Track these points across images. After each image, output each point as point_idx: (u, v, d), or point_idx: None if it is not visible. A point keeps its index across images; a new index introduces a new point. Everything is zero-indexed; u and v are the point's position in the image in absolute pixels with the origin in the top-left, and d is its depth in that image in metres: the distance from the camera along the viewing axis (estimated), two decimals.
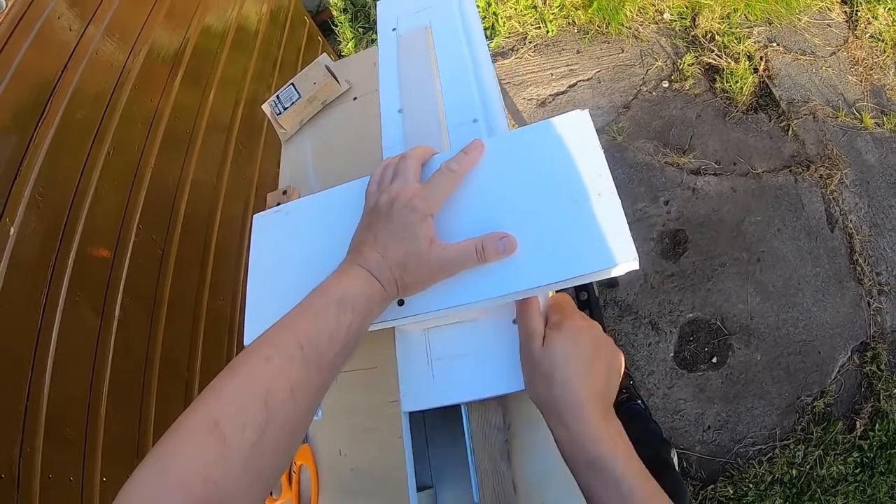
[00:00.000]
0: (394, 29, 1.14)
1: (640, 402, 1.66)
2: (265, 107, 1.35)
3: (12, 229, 1.34)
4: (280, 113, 1.31)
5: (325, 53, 1.40)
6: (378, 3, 1.20)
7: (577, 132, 0.76)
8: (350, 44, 3.68)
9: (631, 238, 0.68)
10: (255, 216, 0.99)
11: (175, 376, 1.74)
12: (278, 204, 1.11)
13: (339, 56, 3.66)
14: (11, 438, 1.25)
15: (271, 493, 0.98)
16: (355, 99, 1.34)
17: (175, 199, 1.87)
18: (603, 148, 0.72)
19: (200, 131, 2.04)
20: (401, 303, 0.76)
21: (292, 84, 1.33)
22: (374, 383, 0.98)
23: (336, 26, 3.78)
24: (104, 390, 1.49)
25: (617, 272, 0.69)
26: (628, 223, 0.68)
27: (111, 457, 1.46)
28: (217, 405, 0.57)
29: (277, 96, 1.33)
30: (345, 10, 3.79)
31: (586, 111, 0.78)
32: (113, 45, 1.75)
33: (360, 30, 3.69)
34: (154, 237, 1.74)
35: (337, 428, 0.99)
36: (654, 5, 3.11)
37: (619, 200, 0.70)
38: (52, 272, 1.41)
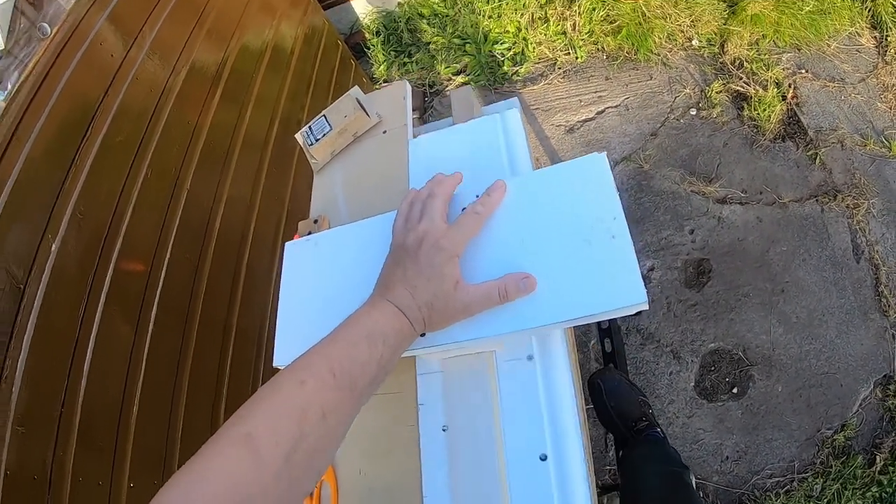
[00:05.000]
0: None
1: (658, 429, 1.68)
2: (298, 136, 1.39)
3: (54, 245, 1.41)
4: (312, 144, 1.36)
5: (356, 86, 1.44)
6: (410, 147, 1.25)
7: (594, 175, 0.80)
8: (382, 66, 3.75)
9: (641, 281, 0.70)
10: (286, 244, 1.04)
11: (203, 389, 1.80)
12: (309, 232, 1.16)
13: (372, 78, 3.73)
14: (46, 442, 1.31)
15: None
16: (385, 132, 1.37)
17: (210, 218, 1.93)
18: (629, 175, 0.76)
19: (236, 150, 2.11)
20: (423, 334, 0.80)
21: (324, 116, 1.37)
22: (396, 408, 1.01)
23: (368, 49, 3.86)
24: (135, 400, 1.55)
25: (627, 313, 0.72)
26: (653, 251, 0.72)
27: (139, 464, 1.51)
28: (252, 422, 0.60)
29: (310, 127, 1.38)
30: (377, 33, 3.87)
31: (604, 154, 0.81)
32: (154, 66, 1.82)
33: (392, 53, 3.76)
34: (188, 254, 1.80)
35: (358, 448, 1.02)
36: (682, 32, 3.14)
37: (631, 243, 0.73)
38: (90, 286, 1.48)
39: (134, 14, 1.81)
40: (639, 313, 2.36)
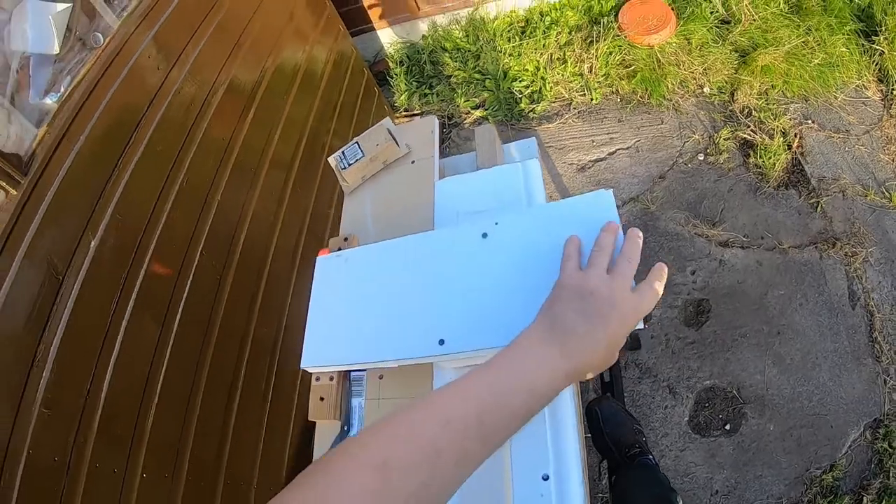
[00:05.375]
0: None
1: (651, 457, 1.75)
2: (331, 160, 1.50)
3: (93, 242, 1.51)
4: (345, 168, 1.47)
5: (388, 118, 1.56)
6: (437, 187, 1.36)
7: (601, 209, 0.90)
8: (403, 95, 3.88)
9: None
10: (318, 258, 1.15)
11: (219, 389, 1.89)
12: (339, 248, 1.27)
13: (393, 106, 3.86)
14: (69, 427, 1.40)
15: None
16: (413, 162, 1.49)
17: (236, 228, 2.04)
18: (636, 215, 0.86)
19: (264, 167, 2.23)
20: (441, 342, 0.89)
21: (357, 142, 1.48)
22: None
23: (391, 77, 4.00)
24: (155, 395, 1.64)
25: None
26: None
27: (153, 456, 1.59)
28: (389, 450, 0.59)
29: (343, 152, 1.49)
30: (401, 63, 4.01)
31: (610, 191, 0.91)
32: (194, 84, 1.96)
33: (414, 83, 3.90)
34: (214, 262, 1.91)
35: None
36: (695, 79, 3.26)
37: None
38: (123, 284, 1.58)
39: (178, 35, 1.96)
40: (639, 345, 2.45)
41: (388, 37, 4.19)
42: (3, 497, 1.26)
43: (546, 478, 0.94)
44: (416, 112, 3.85)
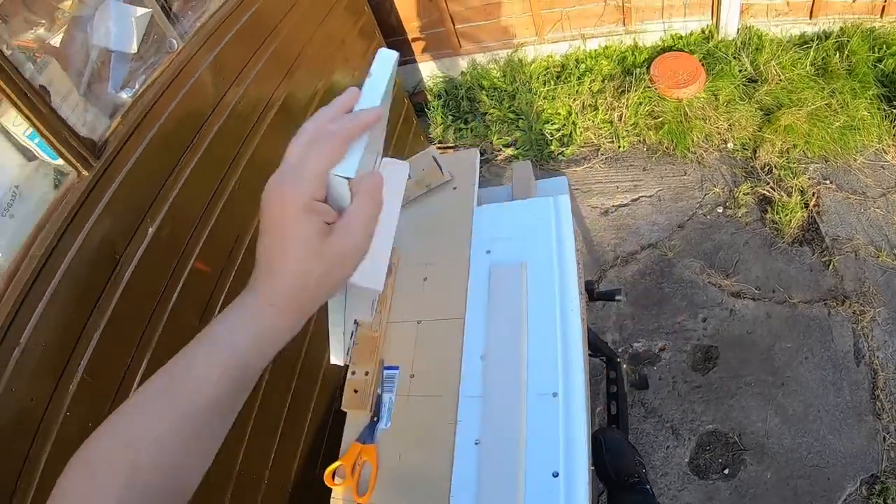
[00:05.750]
0: (488, 251, 1.48)
1: (648, 486, 1.87)
2: None
3: (151, 229, 1.68)
4: None
5: (433, 147, 1.75)
6: (475, 213, 1.52)
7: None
8: (439, 128, 4.08)
9: None
10: None
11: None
12: None
13: (428, 137, 4.06)
14: (106, 397, 1.53)
15: (333, 476, 1.28)
16: (455, 189, 1.68)
17: None
18: (654, 261, 0.98)
19: None
20: None
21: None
22: (437, 408, 1.29)
23: (428, 109, 4.20)
24: None
25: None
26: (666, 333, 1.00)
27: None
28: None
29: None
30: (438, 96, 4.21)
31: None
32: (250, 101, 2.19)
33: (450, 116, 4.09)
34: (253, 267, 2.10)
35: (400, 438, 1.30)
36: (719, 134, 3.40)
37: None
38: (171, 273, 1.74)
39: (238, 56, 2.20)
40: (646, 385, 2.56)
41: (428, 70, 4.41)
42: (37, 452, 1.38)
43: (556, 475, 1.11)
44: (449, 144, 4.04)
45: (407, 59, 4.30)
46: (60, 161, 1.70)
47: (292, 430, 2.29)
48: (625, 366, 2.67)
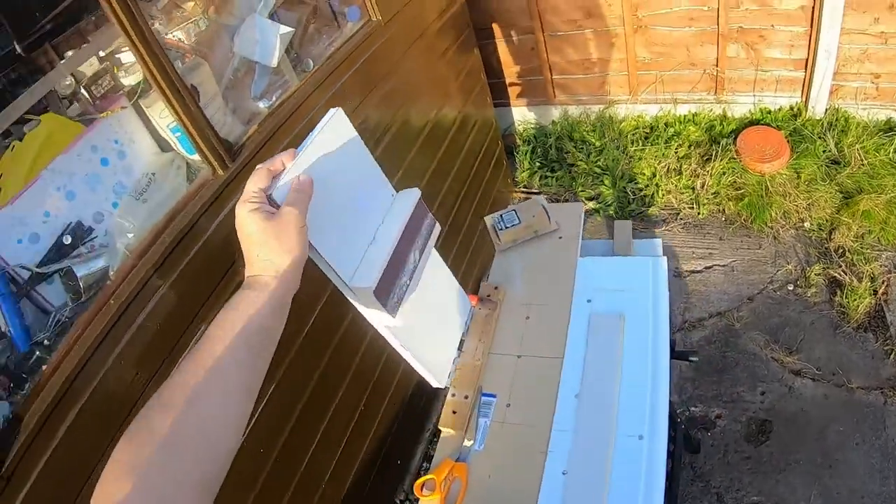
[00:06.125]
0: (588, 300, 1.69)
1: None
2: (487, 219, 1.90)
3: None
4: (502, 229, 1.87)
5: (542, 195, 1.97)
6: (579, 263, 1.75)
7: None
8: (525, 173, 4.33)
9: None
10: None
11: (322, 397, 2.27)
12: (488, 296, 1.72)
13: (514, 181, 4.31)
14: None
15: (422, 488, 1.42)
16: (560, 238, 1.87)
17: None
18: (720, 330, 1.25)
19: None
20: None
21: (514, 210, 1.88)
22: (529, 437, 1.47)
23: (515, 153, 4.45)
24: (274, 381, 1.98)
25: None
26: (724, 401, 1.23)
27: (257, 429, 1.81)
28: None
29: (501, 215, 1.89)
30: (528, 142, 4.46)
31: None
32: (365, 132, 2.46)
33: (537, 163, 4.34)
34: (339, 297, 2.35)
35: (492, 460, 1.47)
36: (797, 212, 3.54)
37: None
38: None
39: (354, 93, 2.49)
40: (698, 450, 2.75)
41: (520, 115, 4.66)
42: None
43: (641, 437, 1.32)
44: (533, 190, 4.29)
45: (501, 101, 4.56)
46: (196, 157, 1.89)
47: (355, 443, 2.49)
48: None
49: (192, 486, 0.65)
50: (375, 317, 1.08)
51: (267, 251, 0.80)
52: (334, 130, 1.03)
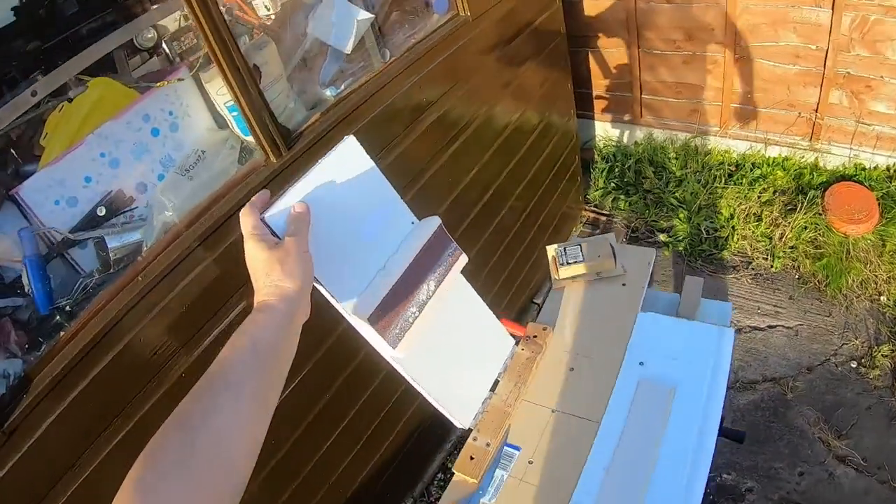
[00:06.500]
0: (641, 363, 1.54)
1: None
2: (550, 249, 1.79)
3: None
4: (563, 264, 1.74)
5: (612, 233, 1.80)
6: (638, 318, 1.64)
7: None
8: (599, 192, 4.23)
9: None
10: None
11: (338, 405, 2.30)
12: (535, 336, 1.65)
13: (585, 198, 4.22)
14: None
15: None
16: (624, 285, 1.74)
17: None
18: (771, 397, 1.24)
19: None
20: None
21: (580, 245, 1.76)
22: (578, 429, 1.45)
23: (592, 170, 4.34)
24: (298, 377, 2.02)
25: None
26: (759, 475, 1.33)
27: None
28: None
29: (564, 248, 1.76)
30: (606, 160, 4.34)
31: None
32: (442, 127, 2.55)
33: (612, 184, 4.22)
34: None
35: (536, 443, 1.45)
36: (876, 284, 3.35)
37: None
38: None
39: (434, 89, 2.49)
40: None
41: (602, 130, 4.54)
42: (143, 397, 1.56)
43: None
44: (603, 211, 4.19)
45: (585, 113, 4.44)
46: (251, 139, 1.83)
47: (365, 454, 2.53)
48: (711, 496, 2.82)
49: (207, 500, 0.68)
50: (382, 348, 1.09)
51: (272, 277, 0.89)
52: (344, 158, 1.05)
